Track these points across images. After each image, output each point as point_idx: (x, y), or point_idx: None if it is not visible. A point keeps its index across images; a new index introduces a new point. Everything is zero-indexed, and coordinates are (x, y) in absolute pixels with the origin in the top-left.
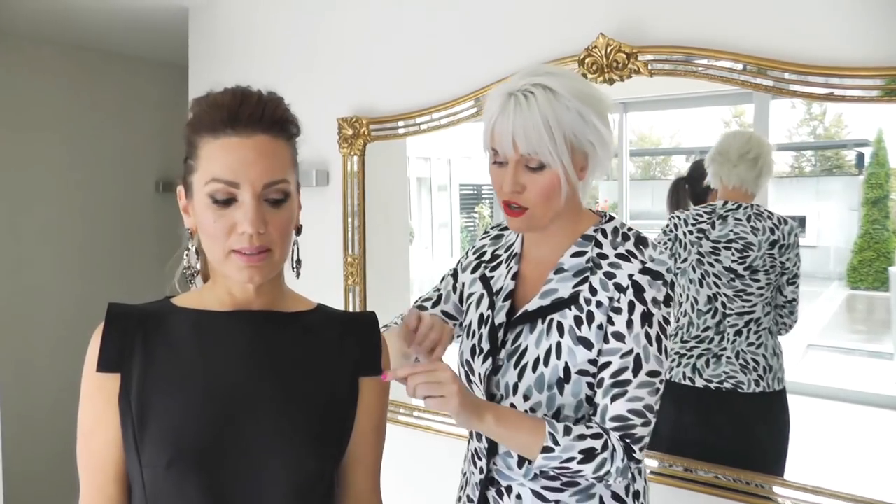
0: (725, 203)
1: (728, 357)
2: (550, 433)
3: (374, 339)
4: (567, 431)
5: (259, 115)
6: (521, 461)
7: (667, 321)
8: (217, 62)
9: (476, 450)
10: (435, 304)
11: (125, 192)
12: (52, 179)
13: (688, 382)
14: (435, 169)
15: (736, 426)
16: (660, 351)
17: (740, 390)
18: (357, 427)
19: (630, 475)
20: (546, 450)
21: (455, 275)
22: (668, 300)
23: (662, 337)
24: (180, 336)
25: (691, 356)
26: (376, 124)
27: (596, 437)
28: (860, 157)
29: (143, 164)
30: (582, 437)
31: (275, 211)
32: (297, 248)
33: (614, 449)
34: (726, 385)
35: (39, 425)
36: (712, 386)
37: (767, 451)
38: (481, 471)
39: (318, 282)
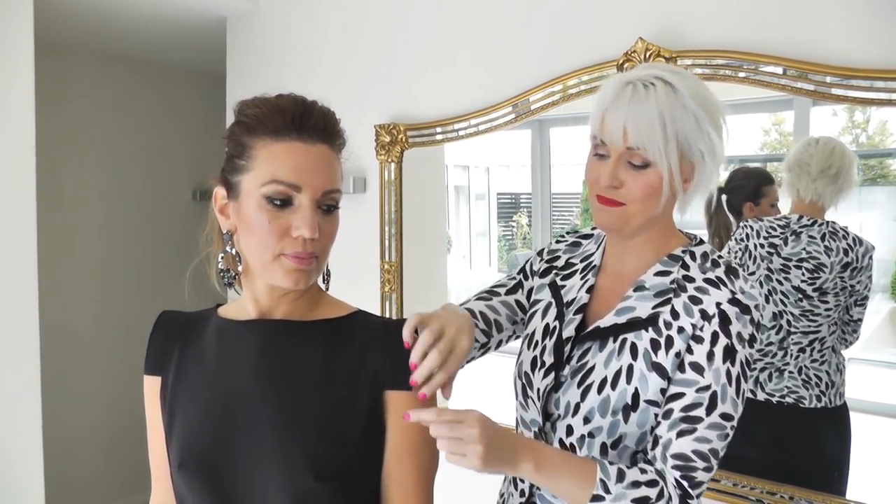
0: (800, 218)
1: (791, 372)
2: (602, 480)
3: (402, 350)
4: (620, 477)
5: (322, 126)
6: None
7: (748, 363)
8: (254, 71)
9: None
10: (510, 292)
11: (163, 201)
12: (90, 188)
13: (749, 395)
14: (473, 177)
15: (797, 440)
16: (737, 394)
17: (802, 405)
18: (389, 445)
19: None
20: (596, 498)
21: (524, 272)
22: (752, 340)
23: (742, 380)
24: (208, 344)
25: (753, 369)
26: (414, 131)
27: (651, 484)
28: None
29: (180, 173)
30: (636, 485)
31: (326, 219)
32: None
33: (670, 498)
34: (788, 399)
35: (80, 430)
36: (774, 400)
37: (829, 466)
38: (522, 493)
39: (354, 288)
